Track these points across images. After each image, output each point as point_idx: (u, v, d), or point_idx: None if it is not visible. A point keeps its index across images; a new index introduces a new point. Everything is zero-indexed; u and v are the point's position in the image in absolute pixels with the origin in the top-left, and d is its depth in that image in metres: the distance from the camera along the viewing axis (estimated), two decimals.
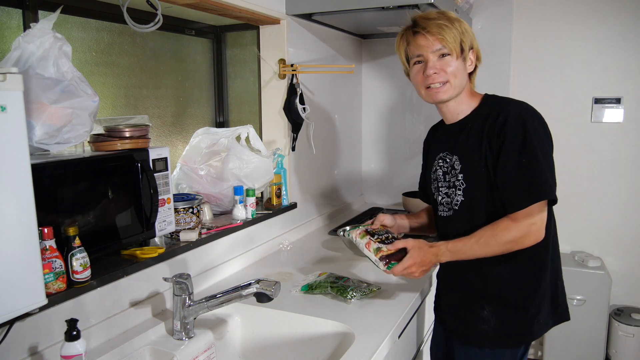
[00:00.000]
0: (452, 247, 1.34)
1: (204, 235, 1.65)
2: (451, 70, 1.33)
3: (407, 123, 2.99)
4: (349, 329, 1.35)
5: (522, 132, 1.26)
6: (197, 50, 2.19)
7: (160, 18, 1.48)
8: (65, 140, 1.15)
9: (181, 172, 1.85)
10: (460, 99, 1.40)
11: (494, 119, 1.32)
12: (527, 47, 2.74)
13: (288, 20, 2.10)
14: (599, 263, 2.63)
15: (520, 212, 1.26)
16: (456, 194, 1.39)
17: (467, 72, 1.39)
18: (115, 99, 1.77)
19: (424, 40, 1.32)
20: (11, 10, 1.39)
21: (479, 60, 1.41)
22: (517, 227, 1.27)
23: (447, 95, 1.36)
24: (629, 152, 2.64)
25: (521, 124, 1.27)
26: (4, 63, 1.13)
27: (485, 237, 1.30)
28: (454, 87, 1.35)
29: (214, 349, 1.38)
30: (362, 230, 1.47)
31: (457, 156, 1.39)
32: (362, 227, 1.50)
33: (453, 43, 1.31)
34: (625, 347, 2.61)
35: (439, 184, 1.46)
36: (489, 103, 1.40)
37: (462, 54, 1.35)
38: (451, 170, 1.41)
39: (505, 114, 1.30)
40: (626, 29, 2.56)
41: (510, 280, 1.37)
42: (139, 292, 1.40)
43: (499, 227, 1.29)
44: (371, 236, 1.43)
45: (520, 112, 1.30)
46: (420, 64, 1.36)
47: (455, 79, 1.34)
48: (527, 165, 1.25)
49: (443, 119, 1.49)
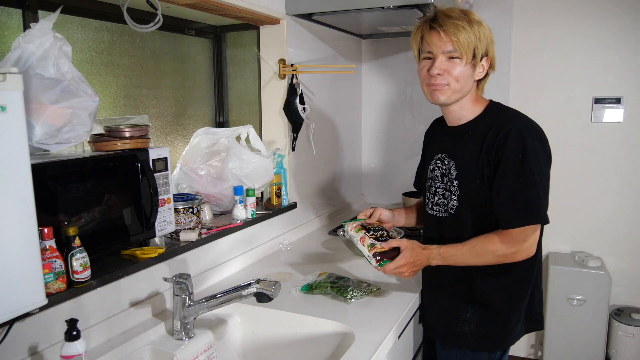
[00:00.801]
0: (444, 252, 1.35)
1: (204, 235, 1.65)
2: (455, 74, 1.31)
3: (407, 123, 2.98)
4: (349, 329, 1.35)
5: (522, 151, 1.26)
6: (197, 50, 2.19)
7: (160, 18, 1.48)
8: (65, 140, 1.15)
9: (181, 172, 1.85)
10: (462, 104, 1.38)
11: (495, 134, 1.30)
12: (527, 47, 2.74)
13: (288, 20, 2.10)
14: (599, 263, 2.63)
15: (515, 230, 1.28)
16: (452, 198, 1.39)
17: (475, 78, 1.36)
18: (115, 99, 1.77)
19: (437, 38, 1.30)
20: (11, 10, 1.39)
21: (493, 68, 1.39)
22: (510, 244, 1.29)
23: (444, 97, 1.34)
24: (629, 152, 2.64)
25: (522, 142, 1.27)
26: (4, 63, 1.13)
27: (477, 247, 1.31)
28: (453, 91, 1.33)
29: (214, 349, 1.38)
30: (358, 225, 1.48)
31: (454, 161, 1.39)
32: (358, 221, 1.51)
33: (466, 47, 1.28)
34: (625, 347, 2.61)
35: (436, 185, 1.45)
36: (492, 112, 1.38)
37: (473, 60, 1.32)
38: (448, 174, 1.41)
39: (506, 130, 1.29)
40: (626, 29, 2.56)
41: (498, 290, 1.39)
42: (139, 292, 1.40)
43: (492, 240, 1.30)
44: (366, 231, 1.43)
45: (522, 130, 1.29)
46: (428, 60, 1.34)
47: (457, 83, 1.32)
48: (523, 185, 1.26)
49: (445, 120, 1.47)
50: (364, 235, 1.42)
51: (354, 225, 1.48)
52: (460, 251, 1.33)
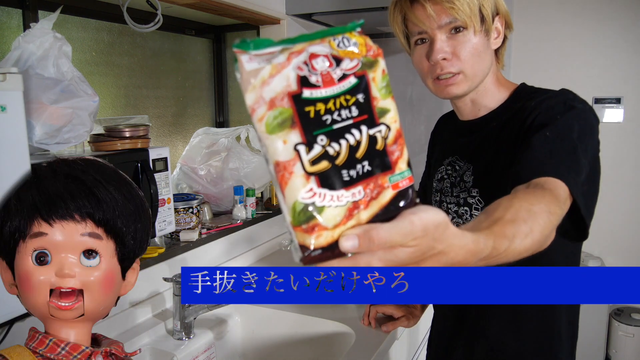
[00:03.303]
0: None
1: (204, 235, 1.65)
2: (467, 54, 0.93)
3: (407, 123, 2.98)
4: (349, 329, 1.35)
5: (565, 113, 0.87)
6: (197, 50, 2.19)
7: (160, 18, 1.48)
8: (65, 140, 1.15)
9: (181, 172, 1.85)
10: (482, 91, 1.00)
11: (528, 112, 0.91)
12: (527, 47, 2.74)
13: (288, 20, 2.10)
14: (599, 263, 2.63)
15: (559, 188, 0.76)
16: (472, 214, 1.01)
17: (493, 48, 0.98)
18: (115, 99, 1.77)
19: (426, 13, 0.92)
20: (11, 10, 1.39)
21: (510, 28, 1.00)
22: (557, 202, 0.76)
23: (461, 89, 0.97)
24: (629, 152, 2.64)
25: (567, 106, 0.88)
26: (4, 63, 1.13)
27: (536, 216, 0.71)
28: (471, 78, 0.96)
29: (214, 349, 1.38)
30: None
31: (471, 165, 1.02)
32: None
33: (469, 12, 0.90)
34: (625, 347, 2.61)
35: (446, 199, 1.08)
36: (524, 94, 0.99)
37: (484, 25, 0.93)
38: (460, 183, 1.04)
39: (544, 99, 0.92)
40: (626, 29, 2.56)
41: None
42: (139, 292, 1.40)
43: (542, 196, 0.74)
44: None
45: (569, 97, 0.92)
46: (424, 44, 0.97)
47: (473, 67, 0.95)
48: (559, 141, 0.84)
49: (457, 114, 1.10)
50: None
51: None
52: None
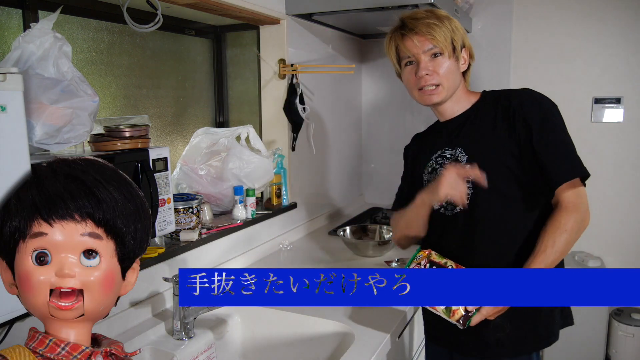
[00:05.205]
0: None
1: (204, 235, 1.65)
2: (443, 71, 1.28)
3: (407, 123, 2.99)
4: (349, 329, 1.35)
5: (547, 112, 1.27)
6: (197, 50, 2.19)
7: (160, 18, 1.48)
8: (65, 141, 1.15)
9: (181, 172, 1.85)
10: (456, 98, 1.36)
11: (507, 102, 1.29)
12: (527, 47, 2.74)
13: (288, 20, 2.10)
14: (599, 263, 2.63)
15: (568, 196, 1.31)
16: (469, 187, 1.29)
17: (461, 71, 1.34)
18: (115, 99, 1.77)
19: (413, 43, 1.28)
20: (11, 10, 1.39)
21: (472, 58, 1.37)
22: (575, 213, 1.32)
23: (440, 97, 1.31)
24: (629, 152, 2.64)
25: (545, 105, 1.28)
26: (4, 63, 1.13)
27: (555, 239, 1.25)
28: (447, 89, 1.31)
29: (214, 349, 1.38)
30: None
31: (461, 148, 1.32)
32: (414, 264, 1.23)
33: (444, 42, 1.27)
34: (625, 347, 2.61)
35: None
36: (491, 94, 1.37)
37: (455, 52, 1.30)
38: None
39: (518, 94, 1.31)
40: (626, 29, 2.56)
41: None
42: (139, 292, 1.40)
43: (558, 221, 1.27)
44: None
45: (532, 93, 1.31)
46: (412, 65, 1.31)
47: (448, 81, 1.30)
48: (562, 139, 1.28)
49: (438, 117, 1.42)
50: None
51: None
52: (546, 256, 1.24)
